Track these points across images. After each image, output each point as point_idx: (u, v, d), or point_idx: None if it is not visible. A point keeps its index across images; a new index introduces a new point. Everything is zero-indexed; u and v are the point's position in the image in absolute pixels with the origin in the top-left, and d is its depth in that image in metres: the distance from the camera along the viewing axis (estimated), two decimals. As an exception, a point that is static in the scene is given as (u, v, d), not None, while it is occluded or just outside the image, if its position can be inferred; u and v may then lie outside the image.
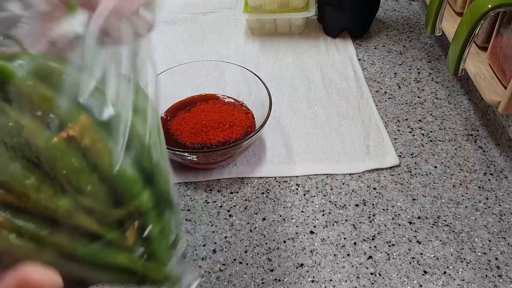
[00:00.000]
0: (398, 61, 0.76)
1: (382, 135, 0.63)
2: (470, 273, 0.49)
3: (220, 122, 0.61)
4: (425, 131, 0.64)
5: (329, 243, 0.52)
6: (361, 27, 0.81)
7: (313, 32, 0.83)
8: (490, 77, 0.58)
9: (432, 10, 0.60)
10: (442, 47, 0.79)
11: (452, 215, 0.54)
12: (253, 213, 0.55)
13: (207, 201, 0.56)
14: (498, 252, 0.51)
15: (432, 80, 0.73)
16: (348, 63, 0.76)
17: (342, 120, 0.66)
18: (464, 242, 0.52)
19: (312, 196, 0.56)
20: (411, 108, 0.68)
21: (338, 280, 0.48)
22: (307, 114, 0.67)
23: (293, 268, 0.50)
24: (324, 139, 0.63)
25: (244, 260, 0.50)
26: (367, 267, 0.49)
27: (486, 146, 0.62)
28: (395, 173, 0.59)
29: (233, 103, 0.65)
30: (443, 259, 0.50)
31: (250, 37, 0.82)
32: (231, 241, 0.52)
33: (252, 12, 0.78)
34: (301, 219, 0.54)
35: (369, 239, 0.52)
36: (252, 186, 0.58)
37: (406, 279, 0.48)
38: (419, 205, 0.55)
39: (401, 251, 0.51)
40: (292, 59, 0.77)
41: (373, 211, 0.55)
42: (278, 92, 0.70)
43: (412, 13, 0.87)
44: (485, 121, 0.65)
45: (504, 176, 0.58)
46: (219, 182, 0.59)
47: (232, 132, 0.59)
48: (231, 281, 0.49)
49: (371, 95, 0.70)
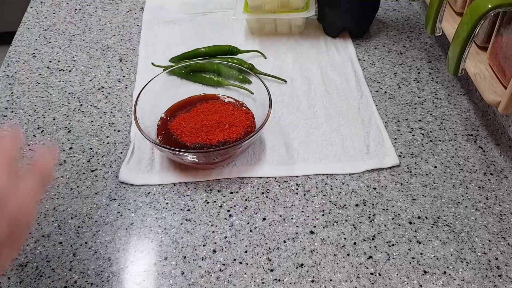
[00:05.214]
0: (398, 61, 0.76)
1: (382, 135, 0.63)
2: (470, 273, 0.49)
3: (220, 122, 0.61)
4: (425, 131, 0.64)
5: (329, 243, 0.52)
6: (361, 27, 0.81)
7: (313, 32, 0.83)
8: (490, 77, 0.58)
9: (432, 10, 0.60)
10: (442, 47, 0.79)
11: (452, 215, 0.54)
12: (253, 213, 0.55)
13: (207, 201, 0.56)
14: (498, 252, 0.51)
15: (432, 80, 0.73)
16: (348, 63, 0.76)
17: (342, 120, 0.66)
18: (464, 242, 0.52)
19: (312, 196, 0.56)
20: (411, 108, 0.68)
21: (338, 280, 0.48)
22: (307, 114, 0.67)
23: (293, 268, 0.50)
24: (324, 139, 0.63)
25: (244, 260, 0.50)
26: (367, 267, 0.49)
27: (486, 146, 0.62)
28: (395, 173, 0.59)
29: (233, 103, 0.65)
30: (443, 259, 0.50)
31: (250, 37, 0.82)
32: (231, 241, 0.52)
33: (252, 12, 0.78)
34: (301, 219, 0.54)
35: (369, 239, 0.52)
36: (252, 186, 0.58)
37: (406, 279, 0.48)
38: (419, 205, 0.55)
39: (401, 251, 0.51)
40: (292, 59, 0.77)
41: (373, 211, 0.55)
42: (278, 92, 0.70)
43: (412, 13, 0.87)
44: (485, 121, 0.65)
45: (504, 176, 0.58)
46: (219, 182, 0.59)
47: (232, 132, 0.59)
48: (231, 281, 0.49)
49: (371, 95, 0.70)
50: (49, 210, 0.56)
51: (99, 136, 0.65)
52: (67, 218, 0.55)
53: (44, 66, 0.77)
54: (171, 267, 0.50)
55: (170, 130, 0.61)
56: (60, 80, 0.74)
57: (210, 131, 0.60)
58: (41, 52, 0.80)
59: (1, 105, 0.70)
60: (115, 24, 0.86)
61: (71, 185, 0.59)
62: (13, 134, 0.35)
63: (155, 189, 0.58)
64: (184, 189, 0.58)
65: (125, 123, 0.66)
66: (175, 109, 0.64)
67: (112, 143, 0.64)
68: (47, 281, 0.49)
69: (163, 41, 0.81)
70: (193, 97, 0.67)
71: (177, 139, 0.59)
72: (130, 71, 0.75)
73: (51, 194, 0.58)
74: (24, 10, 0.91)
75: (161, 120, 0.63)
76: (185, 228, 0.54)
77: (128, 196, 0.57)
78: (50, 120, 0.67)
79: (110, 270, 0.50)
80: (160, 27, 0.84)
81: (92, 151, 0.63)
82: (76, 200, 0.57)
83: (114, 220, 0.55)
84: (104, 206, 0.56)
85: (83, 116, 0.68)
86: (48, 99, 0.71)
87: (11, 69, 0.76)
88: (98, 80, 0.74)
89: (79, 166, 0.61)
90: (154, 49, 0.79)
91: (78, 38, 0.83)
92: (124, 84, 0.73)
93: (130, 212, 0.55)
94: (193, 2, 0.90)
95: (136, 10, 0.89)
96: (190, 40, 0.81)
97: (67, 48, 0.80)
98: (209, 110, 0.63)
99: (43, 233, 0.54)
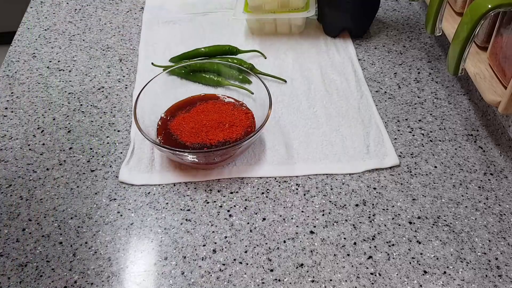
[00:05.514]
0: (398, 61, 0.76)
1: (382, 135, 0.63)
2: (470, 273, 0.49)
3: (220, 122, 0.61)
4: (425, 131, 0.64)
5: (329, 243, 0.52)
6: (361, 27, 0.81)
7: (313, 32, 0.83)
8: (490, 77, 0.58)
9: (432, 10, 0.60)
10: (442, 47, 0.79)
11: (452, 215, 0.54)
12: (253, 213, 0.55)
13: (207, 201, 0.56)
14: (498, 252, 0.51)
15: (432, 80, 0.73)
16: (348, 63, 0.76)
17: (342, 120, 0.66)
18: (464, 242, 0.52)
19: (312, 196, 0.56)
20: (411, 108, 0.68)
21: (338, 280, 0.48)
22: (307, 114, 0.67)
23: (293, 268, 0.50)
24: (324, 139, 0.63)
25: (244, 260, 0.50)
26: (367, 267, 0.49)
27: (486, 146, 0.62)
28: (395, 173, 0.59)
29: (233, 103, 0.65)
30: (443, 259, 0.50)
31: (250, 37, 0.82)
32: (231, 241, 0.52)
33: (252, 12, 0.78)
34: (301, 219, 0.54)
35: (369, 239, 0.52)
36: (252, 186, 0.58)
37: (406, 279, 0.48)
38: (419, 205, 0.55)
39: (401, 251, 0.51)
40: (292, 59, 0.77)
41: (373, 211, 0.55)
42: (278, 92, 0.70)
43: (412, 13, 0.87)
44: (485, 121, 0.65)
45: (504, 176, 0.58)
46: (219, 182, 0.59)
47: (232, 132, 0.59)
48: (231, 281, 0.49)
49: (371, 95, 0.70)
50: (49, 210, 0.56)
51: (99, 136, 0.65)
52: (67, 218, 0.55)
53: (44, 66, 0.77)
54: (171, 267, 0.50)
55: (170, 130, 0.61)
56: (60, 80, 0.74)
57: (210, 131, 0.60)
58: (41, 52, 0.80)
59: (1, 105, 0.70)
60: (115, 24, 0.86)
61: (71, 185, 0.59)
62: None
63: (155, 189, 0.58)
64: (184, 189, 0.58)
65: (125, 123, 0.66)
66: (175, 109, 0.64)
67: (112, 143, 0.64)
68: (47, 281, 0.49)
69: (163, 41, 0.81)
70: (193, 97, 0.67)
71: (177, 139, 0.59)
72: (130, 71, 0.75)
73: (51, 194, 0.58)
74: (24, 10, 0.91)
75: (161, 120, 0.63)
76: (185, 228, 0.54)
77: (128, 196, 0.57)
78: (50, 120, 0.67)
79: (110, 270, 0.50)
80: (160, 27, 0.84)
81: (92, 151, 0.63)
82: (76, 200, 0.57)
83: (114, 220, 0.55)
84: (104, 206, 0.56)
85: (83, 116, 0.68)
86: (48, 99, 0.71)
87: (11, 69, 0.76)
88: (98, 80, 0.74)
89: (79, 166, 0.61)
90: (154, 49, 0.79)
91: (78, 38, 0.83)
92: (124, 84, 0.73)
93: (130, 212, 0.55)
94: (193, 2, 0.90)
95: (136, 10, 0.89)
96: (190, 40, 0.81)
97: (67, 48, 0.80)
98: (209, 110, 0.63)
99: (43, 233, 0.54)
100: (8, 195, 0.58)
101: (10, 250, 0.52)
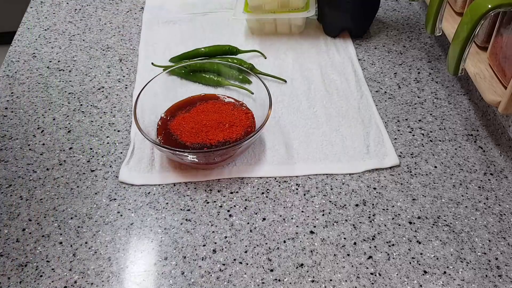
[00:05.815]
0: (398, 61, 0.76)
1: (382, 135, 0.63)
2: (470, 273, 0.49)
3: (220, 122, 0.61)
4: (425, 131, 0.64)
5: (329, 243, 0.52)
6: (361, 27, 0.81)
7: (313, 32, 0.83)
8: (490, 77, 0.58)
9: (432, 10, 0.60)
10: (442, 47, 0.79)
11: (452, 215, 0.54)
12: (253, 213, 0.55)
13: (207, 201, 0.56)
14: (498, 252, 0.51)
15: (432, 80, 0.73)
16: (348, 63, 0.76)
17: (342, 120, 0.66)
18: (464, 242, 0.52)
19: (312, 196, 0.56)
20: (411, 108, 0.68)
21: (338, 280, 0.48)
22: (307, 114, 0.67)
23: (293, 268, 0.50)
24: (324, 139, 0.63)
25: (244, 260, 0.50)
26: (367, 267, 0.49)
27: (486, 146, 0.62)
28: (395, 173, 0.59)
29: (233, 103, 0.65)
30: (443, 259, 0.50)
31: (250, 37, 0.82)
32: (231, 241, 0.52)
33: (252, 12, 0.78)
34: (301, 219, 0.54)
35: (369, 239, 0.52)
36: (252, 186, 0.58)
37: (406, 279, 0.48)
38: (419, 205, 0.55)
39: (401, 251, 0.51)
40: (292, 59, 0.77)
41: (373, 211, 0.55)
42: (278, 92, 0.70)
43: (412, 13, 0.87)
44: (485, 121, 0.65)
45: (504, 176, 0.58)
46: (219, 182, 0.59)
47: (232, 132, 0.59)
48: (231, 281, 0.49)
49: (371, 95, 0.70)
50: (49, 210, 0.56)
51: (99, 136, 0.65)
52: (67, 218, 0.55)
53: (44, 66, 0.77)
54: (171, 267, 0.50)
55: (170, 130, 0.61)
56: (60, 80, 0.74)
57: (210, 131, 0.60)
58: (41, 52, 0.80)
59: (1, 105, 0.70)
60: (115, 24, 0.86)
61: (71, 185, 0.59)
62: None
63: (155, 189, 0.58)
64: (184, 189, 0.58)
65: (125, 123, 0.66)
66: (175, 109, 0.64)
67: (112, 143, 0.64)
68: (47, 281, 0.49)
69: (163, 41, 0.81)
70: (193, 97, 0.67)
71: (177, 139, 0.59)
72: (130, 71, 0.75)
73: (51, 194, 0.58)
74: (24, 10, 0.91)
75: (161, 120, 0.63)
76: (185, 228, 0.54)
77: (128, 196, 0.57)
78: (50, 120, 0.67)
79: (110, 270, 0.50)
80: (160, 27, 0.84)
81: (92, 151, 0.63)
82: (76, 200, 0.57)
83: (114, 220, 0.55)
84: (104, 206, 0.56)
85: (83, 116, 0.68)
86: (48, 99, 0.71)
87: (11, 69, 0.76)
88: (98, 80, 0.74)
89: (79, 166, 0.61)
90: (154, 49, 0.79)
91: (78, 38, 0.83)
92: (124, 84, 0.73)
93: (130, 212, 0.55)
94: (193, 2, 0.90)
95: (136, 10, 0.89)
96: (190, 40, 0.81)
97: (67, 48, 0.80)
98: (209, 110, 0.63)
99: (43, 233, 0.54)
100: (8, 195, 0.58)
101: (10, 250, 0.52)
